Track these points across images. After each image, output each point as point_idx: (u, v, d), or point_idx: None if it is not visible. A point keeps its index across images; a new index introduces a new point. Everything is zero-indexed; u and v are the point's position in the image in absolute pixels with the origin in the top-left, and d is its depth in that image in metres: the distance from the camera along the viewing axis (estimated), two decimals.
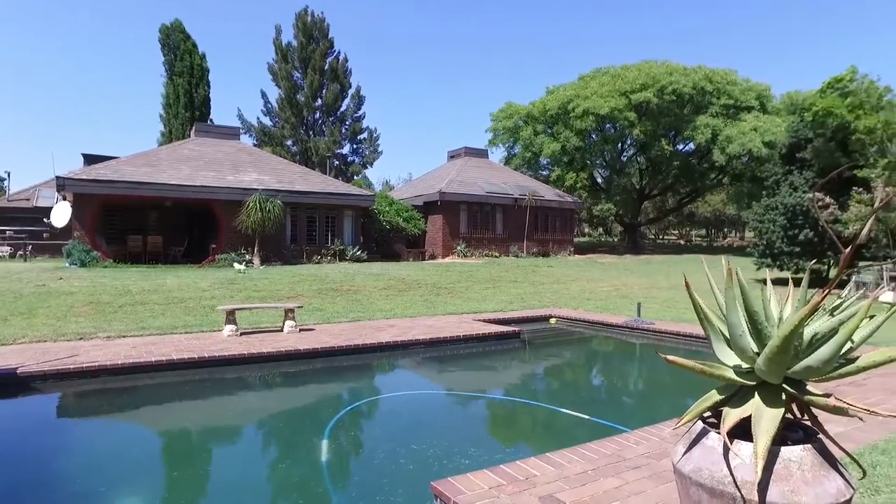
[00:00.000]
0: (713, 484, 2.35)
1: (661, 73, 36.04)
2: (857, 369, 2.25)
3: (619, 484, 3.69)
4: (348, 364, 8.49)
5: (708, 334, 2.51)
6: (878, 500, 3.54)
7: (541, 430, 6.38)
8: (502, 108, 41.96)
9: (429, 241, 30.43)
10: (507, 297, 15.00)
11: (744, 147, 33.23)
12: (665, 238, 68.55)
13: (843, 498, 2.24)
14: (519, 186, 33.52)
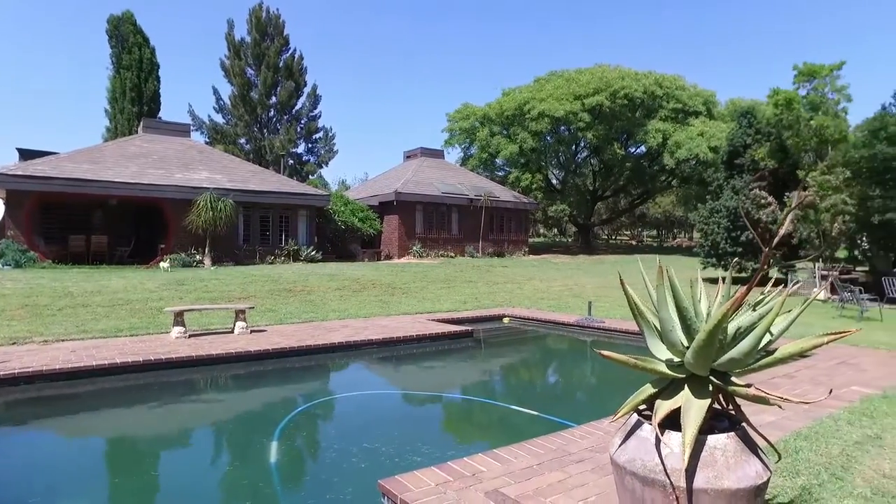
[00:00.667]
0: (645, 473, 2.46)
1: (614, 78, 36.93)
2: (775, 360, 2.40)
3: (563, 477, 3.79)
4: (301, 365, 8.40)
5: (642, 330, 2.62)
6: (798, 482, 3.75)
7: (491, 427, 6.47)
8: (459, 109, 42.18)
9: (384, 242, 30.32)
10: (461, 297, 15.11)
11: (691, 152, 34.39)
12: (617, 238, 70.18)
13: (761, 480, 2.38)
14: (475, 187, 33.77)
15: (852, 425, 4.98)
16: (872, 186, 15.94)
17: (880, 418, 5.22)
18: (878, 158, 15.16)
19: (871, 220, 16.23)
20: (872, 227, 17.01)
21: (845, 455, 4.27)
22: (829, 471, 3.96)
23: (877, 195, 15.76)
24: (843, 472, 3.96)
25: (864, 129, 16.55)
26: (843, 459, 4.18)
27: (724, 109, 39.18)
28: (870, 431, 4.83)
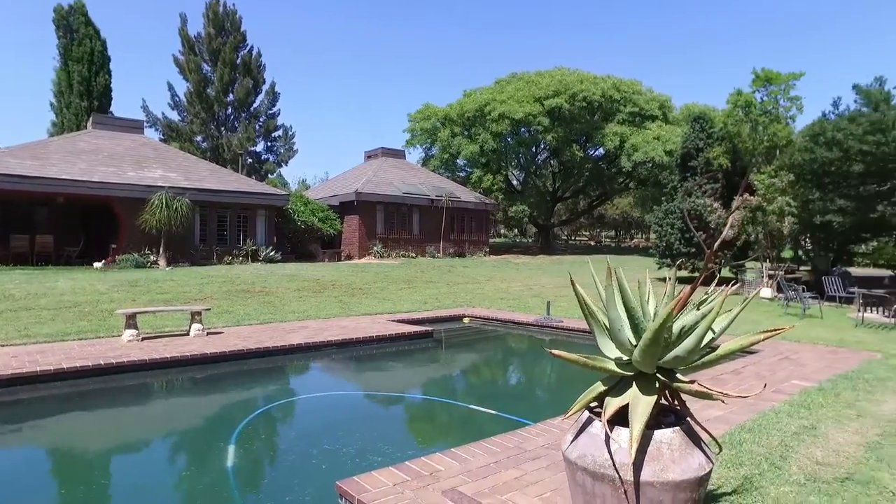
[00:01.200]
0: (595, 468, 2.54)
1: (573, 81, 37.55)
2: (717, 357, 2.52)
3: (519, 474, 3.87)
4: (259, 367, 8.28)
5: (592, 329, 2.71)
6: (741, 472, 3.93)
7: (450, 427, 6.52)
8: (420, 110, 42.17)
9: (345, 242, 30.10)
10: (422, 298, 15.13)
11: (647, 155, 35.28)
12: (577, 239, 71.42)
13: (704, 471, 2.50)
14: (436, 187, 33.84)
15: (791, 417, 5.23)
16: (813, 189, 16.69)
17: (816, 409, 5.50)
18: (818, 162, 15.89)
19: (812, 221, 16.99)
20: (814, 228, 17.81)
21: (784, 445, 4.48)
22: (768, 460, 4.16)
23: (817, 197, 16.51)
24: (781, 461, 4.16)
25: (806, 134, 17.31)
26: (781, 449, 4.39)
27: (679, 114, 40.32)
28: (806, 422, 5.08)
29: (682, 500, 2.50)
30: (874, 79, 18.44)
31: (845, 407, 5.66)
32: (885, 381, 6.89)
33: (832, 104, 18.83)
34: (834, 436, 4.79)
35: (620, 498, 2.50)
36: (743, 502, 3.50)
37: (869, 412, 5.52)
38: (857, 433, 4.88)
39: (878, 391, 6.35)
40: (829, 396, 6.02)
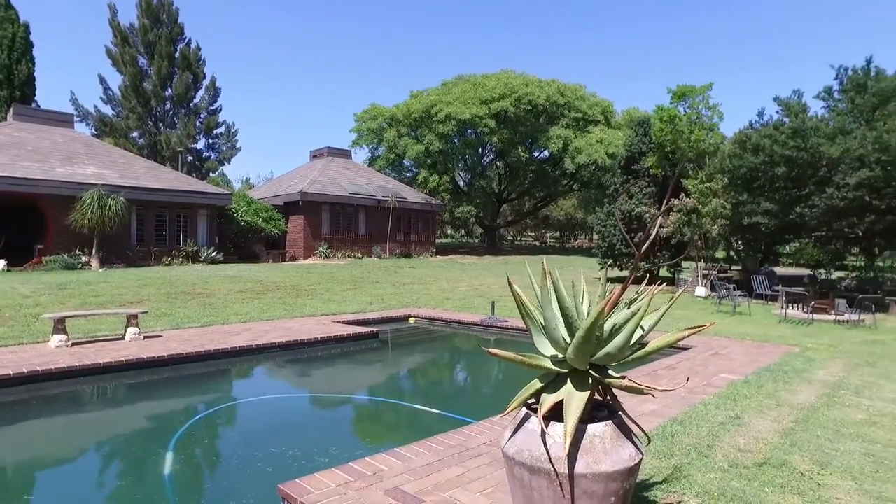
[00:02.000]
0: (532, 462, 2.64)
1: (519, 84, 38.18)
2: (646, 353, 2.66)
3: (462, 472, 3.94)
4: (200, 371, 8.07)
5: (529, 328, 2.81)
6: (672, 462, 4.14)
7: (395, 427, 6.55)
8: (367, 110, 41.93)
9: (290, 242, 29.58)
10: (367, 298, 15.07)
11: (591, 157, 36.28)
12: (522, 240, 72.56)
13: (634, 462, 2.63)
14: (382, 188, 33.72)
15: (719, 409, 5.53)
16: (742, 192, 17.58)
17: (741, 400, 5.84)
18: (746, 167, 16.76)
19: (741, 223, 17.90)
20: (743, 230, 18.76)
21: (711, 435, 4.75)
22: (697, 450, 4.39)
23: (745, 200, 17.40)
24: (708, 450, 4.41)
25: (735, 141, 18.24)
26: (709, 439, 4.65)
27: (621, 119, 41.65)
28: (731, 413, 5.39)
29: (613, 489, 2.63)
30: (792, 91, 19.66)
31: (766, 397, 6.03)
32: (801, 372, 7.37)
33: (757, 114, 20.00)
34: (755, 424, 5.11)
35: (556, 490, 2.60)
36: (673, 490, 3.70)
37: (786, 401, 5.91)
38: (775, 421, 5.22)
39: (794, 382, 6.80)
40: (753, 388, 6.40)
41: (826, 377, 7.21)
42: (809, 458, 4.35)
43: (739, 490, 3.73)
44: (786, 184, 16.59)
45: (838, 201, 15.29)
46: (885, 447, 4.69)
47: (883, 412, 5.72)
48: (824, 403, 5.93)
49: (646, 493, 3.64)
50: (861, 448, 4.64)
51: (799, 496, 3.70)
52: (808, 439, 4.78)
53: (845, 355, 8.84)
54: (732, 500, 3.58)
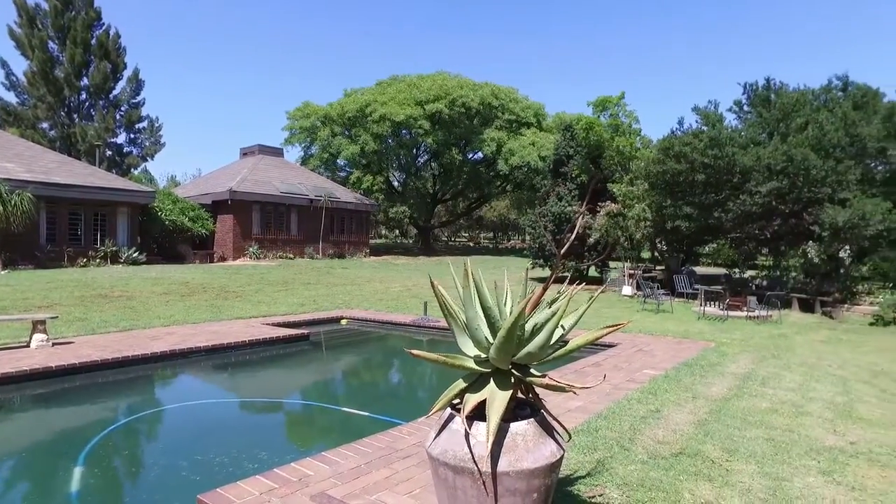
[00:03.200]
0: (456, 462, 2.66)
1: (453, 86, 38.46)
2: (568, 351, 2.74)
3: (390, 474, 3.93)
4: (117, 379, 7.63)
5: (452, 328, 2.83)
6: (595, 456, 4.29)
7: (324, 431, 6.45)
8: (299, 108, 41.09)
9: (218, 243, 28.55)
10: (299, 300, 14.76)
11: (523, 159, 37.02)
12: (457, 240, 73.13)
13: (555, 458, 2.70)
14: (315, 187, 33.13)
15: (640, 403, 5.77)
16: (665, 197, 18.45)
17: (661, 394, 6.12)
18: (669, 173, 17.59)
19: (665, 225, 18.77)
20: (666, 232, 19.68)
21: (633, 429, 4.95)
22: (619, 443, 4.56)
23: (668, 204, 18.27)
24: (629, 443, 4.59)
25: (658, 147, 19.11)
26: (630, 433, 4.84)
27: (552, 122, 42.69)
28: (652, 407, 5.64)
29: (535, 486, 2.69)
30: (709, 101, 20.87)
31: (684, 391, 6.34)
32: (716, 366, 7.81)
33: (678, 123, 21.10)
34: (673, 417, 5.36)
35: (480, 489, 2.63)
36: (595, 483, 3.83)
37: (702, 394, 6.24)
38: (691, 413, 5.50)
39: (709, 375, 7.20)
40: (672, 383, 6.72)
41: (737, 370, 7.66)
42: (720, 446, 4.61)
43: (657, 480, 3.91)
44: (705, 189, 17.54)
45: (751, 206, 16.31)
46: (783, 432, 5.05)
47: (783, 400, 6.15)
48: (734, 395, 6.30)
49: (570, 487, 3.75)
50: (764, 434, 4.97)
51: (710, 482, 3.91)
52: (720, 429, 5.07)
53: (754, 349, 9.44)
54: (651, 490, 3.74)
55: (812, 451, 4.64)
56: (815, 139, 15.69)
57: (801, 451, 4.61)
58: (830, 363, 8.58)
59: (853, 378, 7.61)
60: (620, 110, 23.44)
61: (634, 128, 24.42)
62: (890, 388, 7.12)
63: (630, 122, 24.23)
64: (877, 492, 3.94)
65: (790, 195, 16.06)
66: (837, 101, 18.37)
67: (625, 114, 23.76)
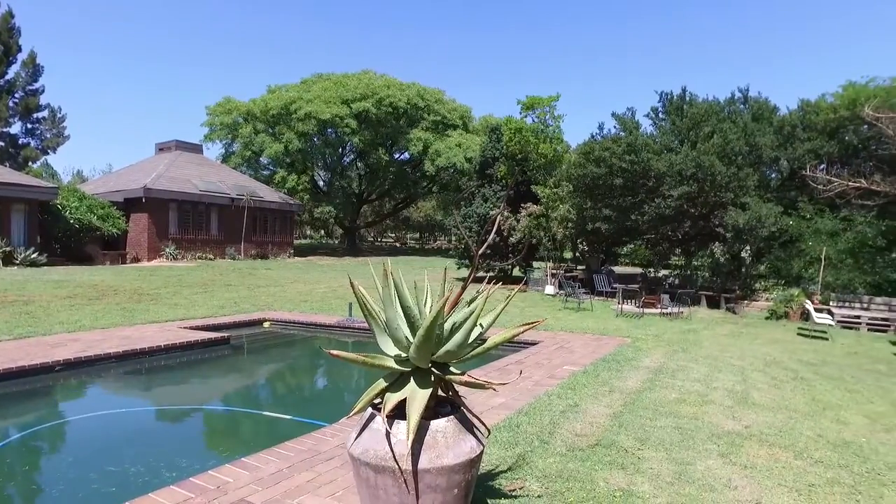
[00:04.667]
0: (377, 461, 2.67)
1: (380, 86, 38.25)
2: (486, 349, 2.81)
3: (313, 476, 3.88)
4: (11, 391, 7.07)
5: (372, 328, 2.84)
6: (516, 451, 4.42)
7: (246, 436, 6.26)
8: (220, 103, 39.58)
9: (131, 243, 27.04)
10: (219, 302, 14.22)
11: (450, 161, 37.34)
12: (383, 241, 72.76)
13: (475, 454, 2.77)
14: (237, 186, 32.03)
15: (560, 398, 5.98)
16: (586, 199, 19.17)
17: (580, 389, 6.37)
18: (589, 176, 18.29)
19: (586, 227, 19.50)
20: (587, 233, 20.45)
21: (552, 423, 5.13)
22: (539, 438, 4.72)
23: (589, 206, 19.00)
24: (549, 437, 4.76)
25: (579, 151, 19.84)
26: (550, 427, 5.02)
27: (478, 124, 43.35)
28: (571, 401, 5.87)
29: (456, 481, 2.75)
30: (627, 108, 21.90)
31: (601, 385, 6.64)
32: (631, 360, 8.22)
33: (598, 127, 21.92)
34: (591, 410, 5.60)
35: (401, 487, 2.66)
36: (516, 477, 3.94)
37: (617, 387, 6.55)
38: (607, 406, 5.76)
39: (625, 369, 7.57)
40: (591, 378, 7.01)
41: (650, 364, 8.10)
42: (633, 436, 4.87)
43: (574, 471, 4.08)
44: (623, 192, 18.37)
45: (664, 209, 17.23)
46: (689, 420, 5.40)
47: (690, 391, 6.57)
48: (647, 387, 6.66)
49: (492, 482, 3.84)
50: (672, 423, 5.29)
51: (623, 470, 4.13)
52: (633, 420, 5.35)
53: (666, 344, 10.00)
54: (568, 481, 3.90)
55: (713, 436, 4.99)
56: (721, 147, 16.79)
57: (704, 437, 4.94)
58: (731, 355, 9.22)
59: (750, 368, 8.22)
60: (549, 113, 24.00)
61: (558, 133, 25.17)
62: (779, 376, 7.75)
63: (556, 125, 24.91)
64: (764, 468, 4.30)
65: (699, 199, 17.10)
66: (739, 112, 19.74)
67: (552, 117, 24.39)
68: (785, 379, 7.62)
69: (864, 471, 4.41)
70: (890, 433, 5.44)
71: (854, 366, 9.00)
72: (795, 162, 18.07)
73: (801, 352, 10.02)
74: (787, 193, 18.74)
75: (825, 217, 17.00)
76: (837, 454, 4.73)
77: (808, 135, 18.18)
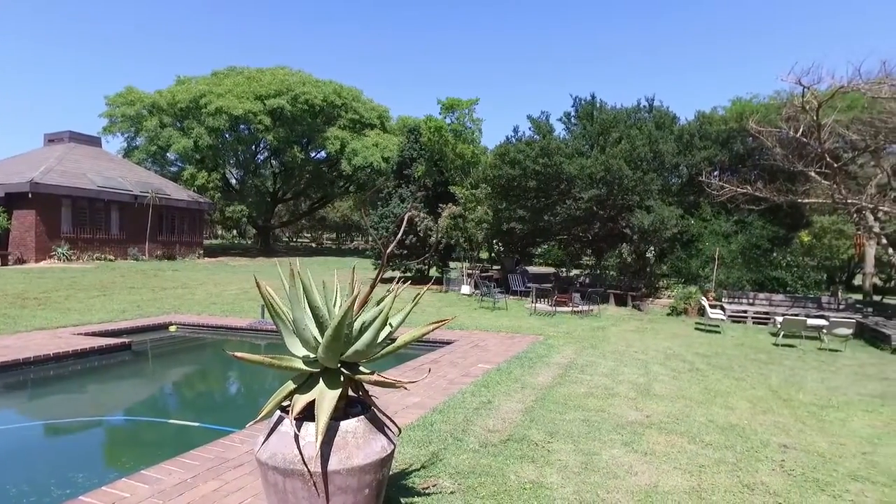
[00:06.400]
0: (286, 465, 2.61)
1: (296, 83, 37.29)
2: (396, 348, 2.81)
3: (220, 485, 3.73)
4: None
5: (279, 329, 2.77)
6: (430, 449, 4.45)
7: (149, 447, 5.91)
8: (122, 93, 37.13)
9: (15, 243, 24.80)
10: (119, 306, 13.33)
11: (367, 160, 36.98)
12: (298, 241, 71.02)
13: (386, 453, 2.77)
14: (141, 182, 30.19)
15: (474, 395, 6.09)
16: (502, 201, 19.62)
17: (493, 386, 6.51)
18: (504, 178, 18.74)
19: (501, 227, 19.95)
20: (502, 234, 20.92)
21: (466, 420, 5.21)
22: (453, 435, 4.78)
23: (504, 207, 19.46)
24: (462, 434, 4.83)
25: (495, 153, 20.27)
26: (464, 424, 5.09)
27: (396, 125, 43.22)
28: (484, 398, 5.98)
29: (367, 481, 2.73)
30: (541, 112, 22.55)
31: (514, 382, 6.81)
32: (543, 357, 8.50)
33: (513, 130, 22.48)
34: (504, 406, 5.74)
35: (311, 490, 2.61)
36: (430, 475, 3.97)
37: (529, 384, 6.75)
38: (519, 402, 5.93)
39: (537, 366, 7.81)
40: (504, 375, 7.18)
41: (561, 360, 8.40)
42: (543, 430, 5.04)
43: (487, 466, 4.16)
44: (536, 194, 18.94)
45: (576, 211, 17.94)
46: (596, 413, 5.66)
47: (598, 385, 6.88)
48: (558, 382, 6.91)
49: (405, 480, 3.85)
50: (580, 416, 5.52)
51: (533, 463, 4.26)
52: (544, 414, 5.53)
53: (576, 341, 10.41)
54: (480, 476, 3.97)
55: (618, 426, 5.26)
56: (628, 152, 17.69)
57: (610, 428, 5.20)
58: (636, 350, 9.74)
59: (652, 361, 8.73)
60: (468, 115, 24.34)
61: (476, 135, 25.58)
62: (678, 368, 8.29)
63: (476, 127, 25.30)
64: (662, 454, 4.58)
65: (608, 201, 17.94)
66: (644, 120, 20.89)
67: (471, 120, 24.74)
68: (683, 370, 8.14)
69: (744, 449, 4.81)
70: (766, 415, 5.96)
71: (741, 356, 9.77)
72: (693, 168, 19.34)
73: (697, 345, 10.75)
74: (686, 197, 20.04)
75: (721, 219, 18.35)
76: (724, 437, 5.12)
77: (704, 143, 19.52)
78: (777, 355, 10.13)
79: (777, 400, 6.68)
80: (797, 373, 8.53)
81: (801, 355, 10.26)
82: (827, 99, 12.80)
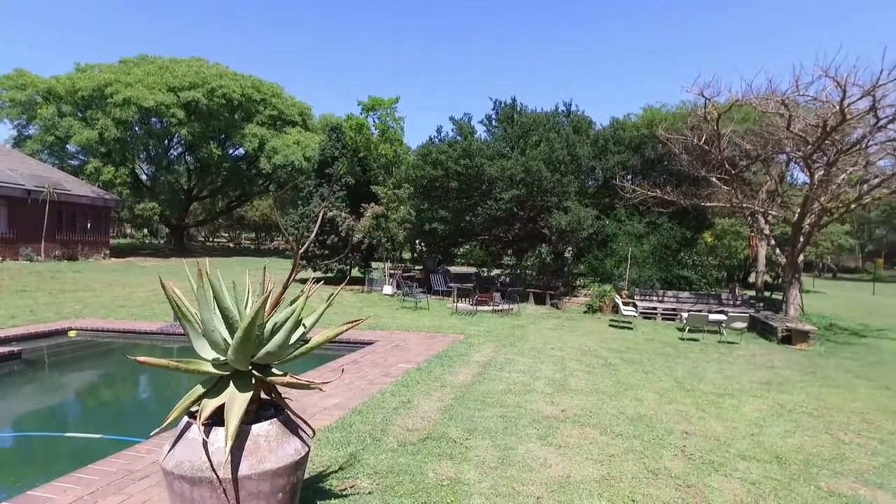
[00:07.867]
0: (193, 473, 2.51)
1: (212, 75, 35.75)
2: (310, 349, 2.77)
3: (121, 500, 3.53)
4: None
5: (187, 331, 2.67)
6: (348, 450, 4.42)
7: (42, 464, 5.48)
8: (10, 76, 34.11)
9: None
10: (8, 311, 12.28)
11: (287, 158, 35.99)
12: (215, 241, 68.19)
13: (300, 455, 2.72)
14: (36, 176, 27.94)
15: (394, 396, 6.09)
16: (424, 201, 19.70)
17: (413, 386, 6.54)
18: (427, 178, 18.84)
19: (424, 227, 20.03)
20: (424, 234, 21.00)
21: (385, 420, 5.20)
22: (371, 436, 4.76)
23: (426, 207, 19.55)
24: (381, 434, 4.82)
25: (418, 153, 20.35)
26: (383, 424, 5.08)
27: (318, 123, 42.34)
28: (404, 398, 6.00)
29: (280, 485, 2.67)
30: (464, 114, 22.92)
31: (434, 381, 6.87)
32: (462, 356, 8.62)
33: (436, 130, 22.65)
34: (423, 405, 5.77)
35: (220, 498, 2.52)
36: (347, 476, 3.94)
37: (449, 382, 6.83)
38: (438, 400, 5.98)
39: (457, 365, 7.91)
40: (424, 374, 7.22)
41: (480, 358, 8.55)
42: (462, 427, 5.11)
43: (405, 465, 4.18)
44: (458, 195, 19.15)
45: (496, 211, 18.29)
46: (513, 409, 5.82)
47: (516, 381, 7.07)
48: (477, 380, 7.03)
49: (322, 483, 3.80)
50: (498, 412, 5.65)
51: (451, 460, 4.32)
52: (462, 412, 5.61)
53: (496, 339, 10.63)
54: (399, 475, 3.98)
55: (534, 421, 5.42)
56: (547, 155, 18.23)
57: (526, 423, 5.35)
58: (553, 346, 10.07)
59: (568, 357, 9.06)
60: (390, 115, 24.28)
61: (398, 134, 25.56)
62: (592, 363, 8.65)
63: (398, 127, 25.28)
64: (576, 446, 4.78)
65: (528, 202, 18.42)
66: (562, 124, 21.62)
67: (393, 119, 24.68)
68: (597, 365, 8.50)
69: (651, 438, 5.10)
70: (671, 405, 6.34)
71: (651, 351, 10.33)
72: (608, 171, 20.22)
73: (611, 341, 11.26)
74: (602, 199, 20.92)
75: (634, 221, 19.29)
76: (633, 427, 5.40)
77: (618, 148, 20.44)
78: (683, 349, 10.79)
79: (681, 390, 7.12)
80: (699, 365, 9.12)
81: (704, 348, 10.98)
82: (725, 111, 13.77)
